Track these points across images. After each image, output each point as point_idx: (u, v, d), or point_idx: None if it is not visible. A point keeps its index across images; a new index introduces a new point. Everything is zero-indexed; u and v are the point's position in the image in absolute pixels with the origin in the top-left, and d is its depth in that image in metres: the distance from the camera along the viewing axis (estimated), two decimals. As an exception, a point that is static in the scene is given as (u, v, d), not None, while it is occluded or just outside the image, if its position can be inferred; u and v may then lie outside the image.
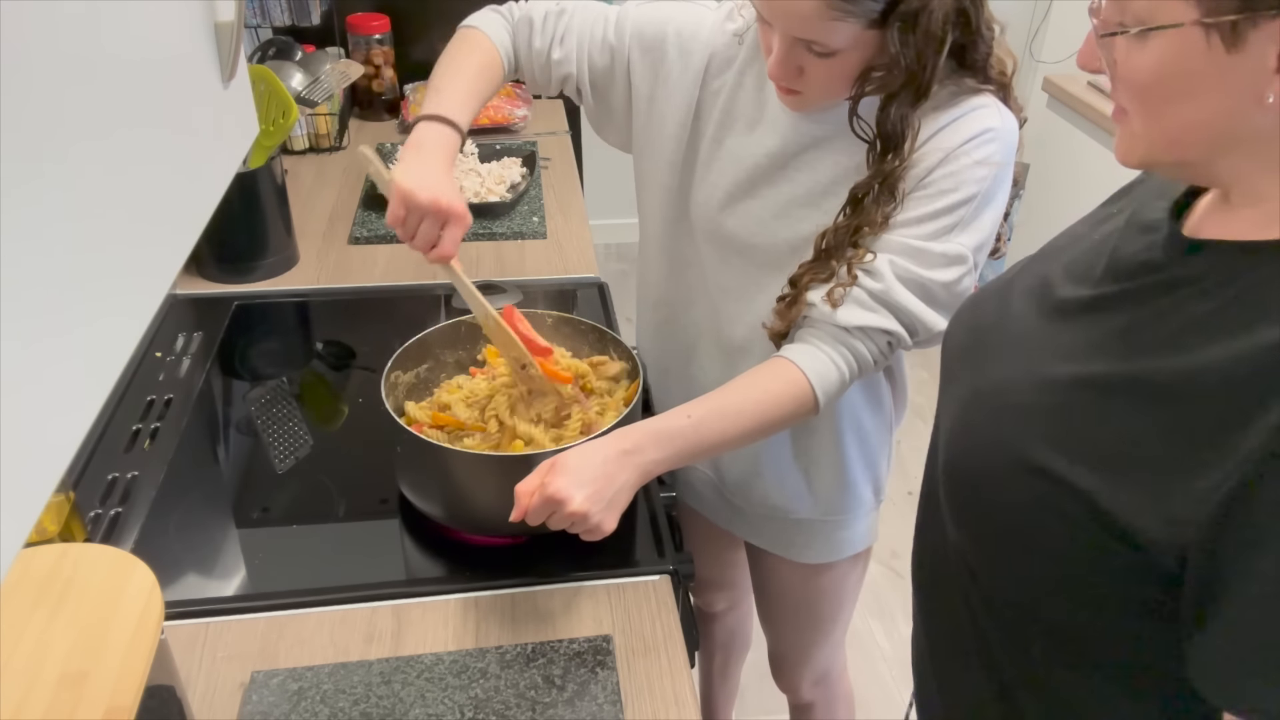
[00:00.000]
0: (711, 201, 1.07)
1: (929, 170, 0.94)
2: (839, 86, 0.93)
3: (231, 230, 1.55)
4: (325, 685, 0.92)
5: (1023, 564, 0.67)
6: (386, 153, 2.01)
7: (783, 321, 1.01)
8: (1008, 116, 0.95)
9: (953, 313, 0.98)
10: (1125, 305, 0.65)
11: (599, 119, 1.17)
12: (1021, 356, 0.71)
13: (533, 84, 1.16)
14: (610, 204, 3.33)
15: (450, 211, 0.97)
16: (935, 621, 0.84)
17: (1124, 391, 0.61)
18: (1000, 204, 0.97)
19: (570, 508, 0.88)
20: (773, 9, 0.89)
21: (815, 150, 1.01)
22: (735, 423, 0.96)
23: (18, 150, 0.40)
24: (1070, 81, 2.59)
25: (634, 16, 1.09)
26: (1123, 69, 0.59)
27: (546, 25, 1.11)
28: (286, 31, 2.09)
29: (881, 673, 2.11)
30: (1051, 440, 0.64)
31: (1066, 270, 0.72)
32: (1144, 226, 0.67)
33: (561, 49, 1.11)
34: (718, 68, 1.06)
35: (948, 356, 0.82)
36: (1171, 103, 0.57)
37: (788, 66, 0.92)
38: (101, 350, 0.49)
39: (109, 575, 0.73)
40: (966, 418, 0.74)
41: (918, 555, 0.87)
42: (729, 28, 1.06)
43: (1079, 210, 0.82)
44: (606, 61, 1.11)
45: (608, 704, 0.91)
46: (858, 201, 0.95)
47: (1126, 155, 0.63)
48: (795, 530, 1.24)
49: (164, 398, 1.32)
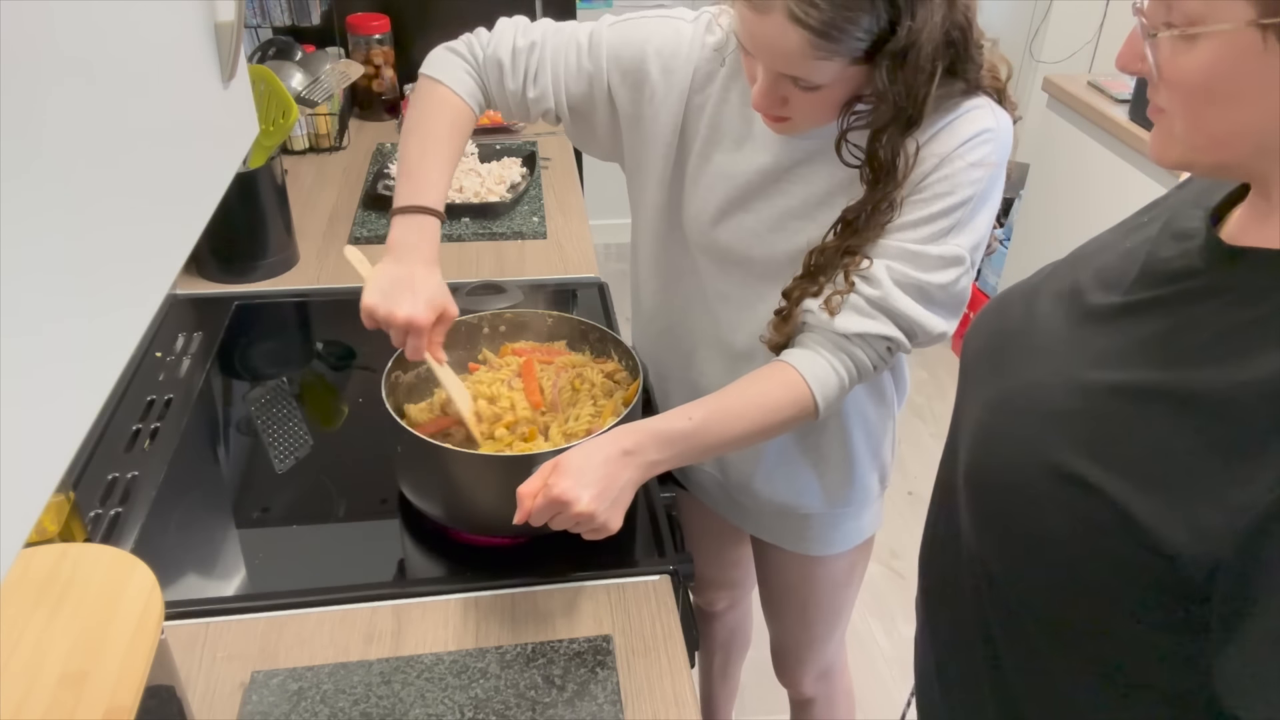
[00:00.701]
0: (703, 216, 1.07)
1: (925, 175, 0.93)
2: (825, 115, 0.93)
3: (231, 230, 1.55)
4: (325, 685, 0.92)
5: (1047, 571, 0.67)
6: (387, 152, 2.01)
7: (779, 335, 1.00)
8: (1002, 116, 0.95)
9: (952, 314, 0.98)
10: (1160, 312, 0.64)
11: (580, 138, 1.15)
12: (1052, 361, 0.70)
13: (509, 116, 1.14)
14: (610, 204, 3.32)
15: (407, 324, 0.99)
16: (943, 626, 0.84)
17: (1160, 400, 0.60)
18: (995, 203, 0.96)
19: (577, 508, 0.88)
20: (757, 44, 0.88)
21: (809, 164, 1.00)
22: (735, 425, 0.96)
23: (18, 150, 0.40)
24: (1070, 81, 2.59)
25: (608, 39, 1.06)
26: (1168, 70, 0.57)
27: (517, 64, 1.07)
28: (286, 31, 2.09)
29: (881, 672, 2.12)
30: (1084, 447, 0.63)
31: (1097, 276, 0.71)
32: (1179, 234, 0.66)
33: (536, 87, 1.07)
34: (700, 82, 1.04)
35: (969, 359, 0.81)
36: (1218, 105, 0.56)
37: (772, 98, 0.91)
38: (102, 350, 0.49)
39: (109, 575, 0.73)
40: (992, 421, 0.73)
41: (926, 558, 0.86)
42: (709, 40, 1.04)
43: (1079, 210, 0.82)
44: (584, 88, 1.08)
45: (608, 704, 0.91)
46: (849, 223, 0.95)
47: (1163, 155, 0.61)
48: (803, 524, 1.24)
49: (164, 398, 1.32)
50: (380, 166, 1.92)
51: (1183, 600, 0.58)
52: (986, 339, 0.80)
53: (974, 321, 0.84)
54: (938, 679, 0.85)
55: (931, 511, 0.85)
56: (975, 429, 0.75)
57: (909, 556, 2.35)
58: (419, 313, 0.99)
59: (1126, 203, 0.81)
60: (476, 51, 1.08)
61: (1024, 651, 0.72)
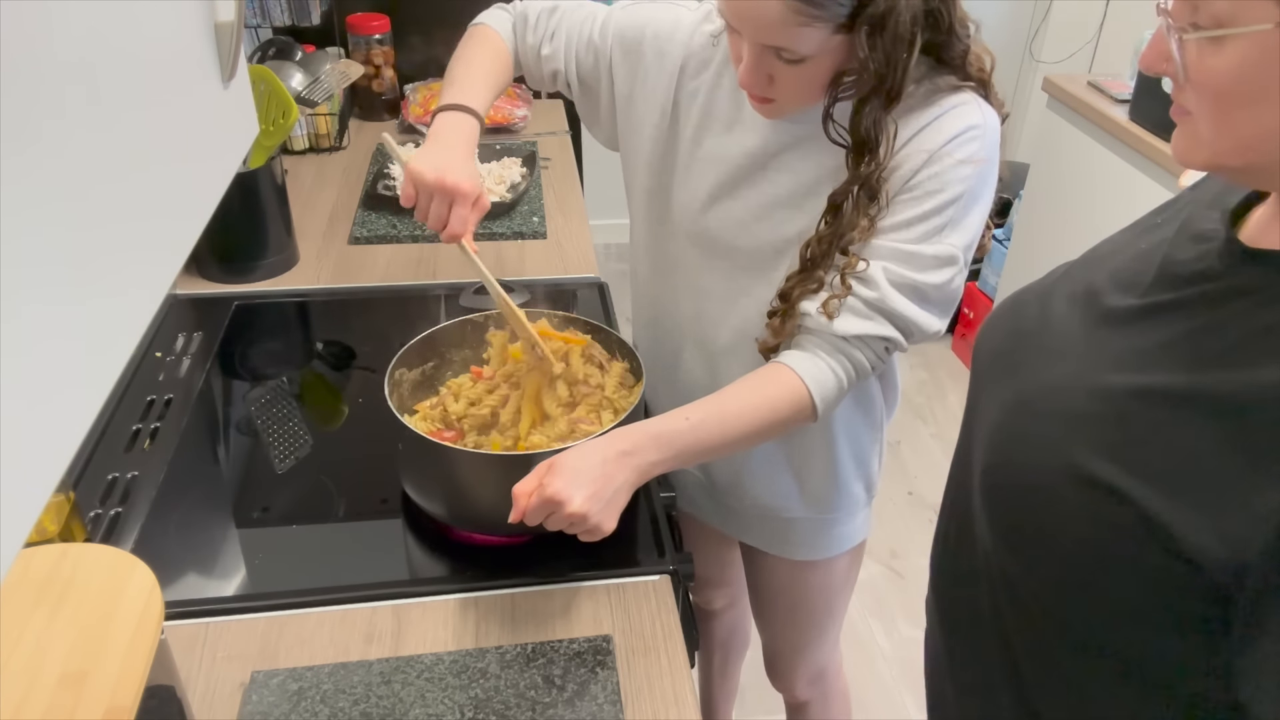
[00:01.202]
0: (693, 203, 1.08)
1: (913, 172, 0.93)
2: (811, 93, 0.93)
3: (231, 230, 1.55)
4: (325, 685, 0.92)
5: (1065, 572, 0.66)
6: (386, 153, 2.01)
7: (776, 338, 1.00)
8: (989, 112, 0.95)
9: (945, 312, 0.98)
10: (1180, 315, 0.63)
11: (587, 116, 1.20)
12: (1070, 363, 0.69)
13: (529, 78, 1.20)
14: (610, 204, 3.32)
15: (456, 189, 1.00)
16: (956, 624, 0.83)
17: (1183, 404, 0.60)
18: (987, 201, 0.97)
19: (569, 509, 0.88)
20: (740, 16, 0.88)
21: (796, 150, 1.00)
22: (734, 427, 0.96)
23: (18, 149, 0.40)
24: (1070, 81, 2.59)
25: (617, 18, 1.11)
26: (1195, 72, 0.56)
27: (539, 22, 1.15)
28: (286, 31, 2.09)
29: (881, 672, 2.11)
30: (1105, 449, 0.63)
31: (1113, 278, 0.71)
32: (1197, 235, 0.66)
33: (550, 45, 1.14)
34: (694, 69, 1.06)
35: (983, 359, 0.81)
36: (1246, 107, 0.55)
37: (758, 75, 0.92)
38: (102, 349, 0.49)
39: (109, 575, 0.73)
40: (1010, 422, 0.73)
41: (939, 556, 0.86)
42: (706, 29, 1.06)
43: (1079, 210, 0.82)
44: (591, 61, 1.13)
45: (608, 704, 0.91)
46: (837, 208, 0.95)
47: (1188, 157, 0.61)
48: (787, 528, 1.25)
49: (164, 398, 1.32)
50: (380, 166, 1.92)
51: (1204, 603, 0.58)
52: (1001, 339, 0.79)
53: (987, 321, 0.84)
54: (949, 677, 0.85)
55: (944, 510, 0.85)
56: (992, 430, 0.75)
57: (909, 556, 2.34)
58: (465, 179, 1.00)
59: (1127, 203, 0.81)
60: (516, 6, 1.18)
61: (1040, 651, 0.72)
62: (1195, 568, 0.58)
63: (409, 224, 1.75)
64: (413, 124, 2.09)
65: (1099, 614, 0.66)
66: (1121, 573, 0.62)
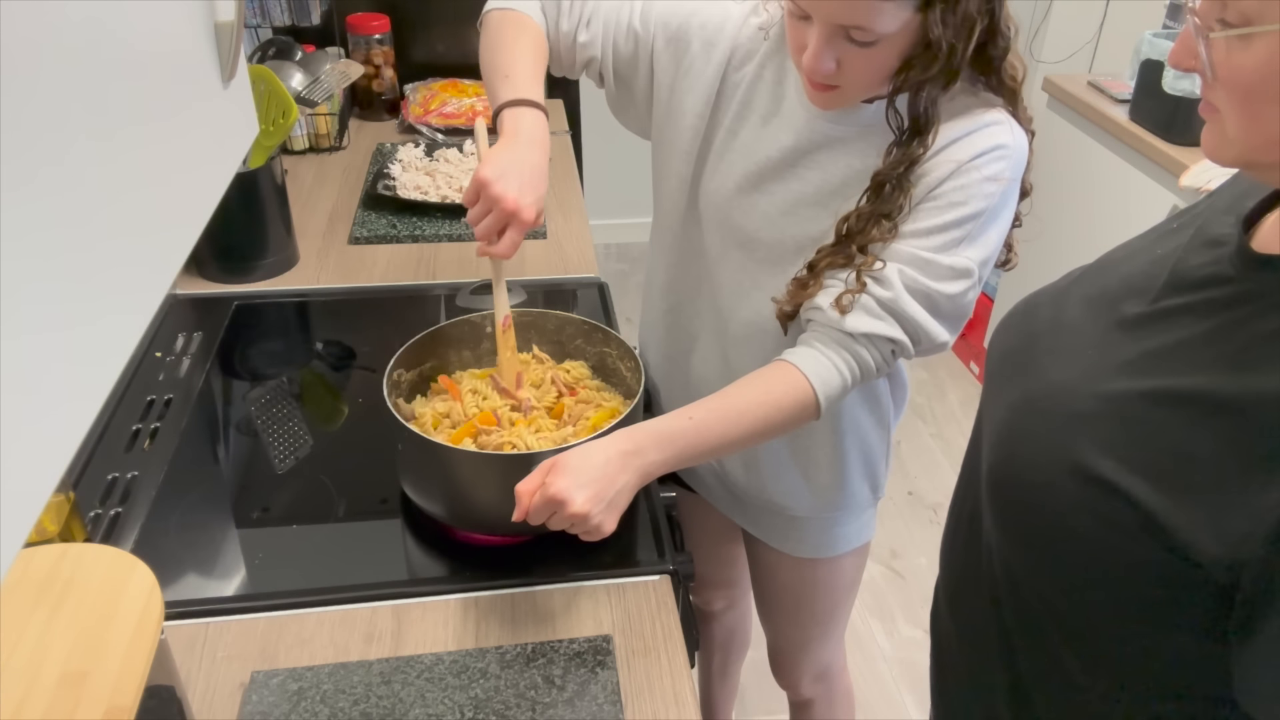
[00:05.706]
0: (722, 191, 1.08)
1: (940, 181, 0.94)
2: (876, 80, 0.93)
3: (231, 230, 1.55)
4: (325, 685, 0.92)
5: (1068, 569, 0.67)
6: (387, 152, 2.01)
7: (792, 303, 1.00)
8: (1019, 134, 0.96)
9: (955, 325, 0.98)
10: (1189, 318, 0.64)
11: (619, 104, 1.17)
12: (1079, 365, 0.70)
13: (557, 65, 1.15)
14: (610, 204, 3.33)
15: (518, 215, 0.97)
16: (961, 618, 0.84)
17: (1186, 405, 0.60)
18: (1006, 221, 0.98)
19: (571, 509, 0.88)
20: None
21: (828, 150, 1.01)
22: (737, 425, 0.96)
23: (18, 149, 0.40)
24: (1070, 81, 2.59)
25: (659, 7, 1.09)
26: (1224, 70, 0.57)
27: (573, 8, 1.11)
28: (286, 31, 2.09)
29: (881, 672, 2.11)
30: (1109, 449, 0.63)
31: (1126, 282, 0.71)
32: (1210, 241, 0.66)
33: (588, 32, 1.10)
34: (740, 60, 1.06)
35: (995, 360, 0.81)
36: (1274, 103, 0.55)
37: (826, 59, 0.90)
38: (101, 350, 0.49)
39: (109, 575, 0.73)
40: (1016, 421, 0.73)
41: (947, 552, 0.87)
42: (754, 21, 1.06)
43: (1079, 210, 0.82)
44: (631, 49, 1.10)
45: (608, 704, 0.91)
46: (881, 186, 0.95)
47: (1218, 154, 0.61)
48: (792, 525, 1.25)
49: (164, 398, 1.32)
50: (380, 166, 1.92)
51: (1204, 602, 0.58)
52: (1014, 340, 0.80)
53: (1001, 323, 0.84)
54: (952, 670, 0.85)
55: (954, 506, 0.85)
56: (999, 428, 0.75)
57: (909, 556, 2.34)
58: (527, 205, 0.97)
59: (1126, 203, 0.81)
60: None
61: (1041, 648, 0.72)
62: (1194, 566, 0.58)
63: (409, 224, 1.75)
64: (412, 124, 2.09)
65: (1099, 611, 0.66)
66: (1122, 571, 0.62)
